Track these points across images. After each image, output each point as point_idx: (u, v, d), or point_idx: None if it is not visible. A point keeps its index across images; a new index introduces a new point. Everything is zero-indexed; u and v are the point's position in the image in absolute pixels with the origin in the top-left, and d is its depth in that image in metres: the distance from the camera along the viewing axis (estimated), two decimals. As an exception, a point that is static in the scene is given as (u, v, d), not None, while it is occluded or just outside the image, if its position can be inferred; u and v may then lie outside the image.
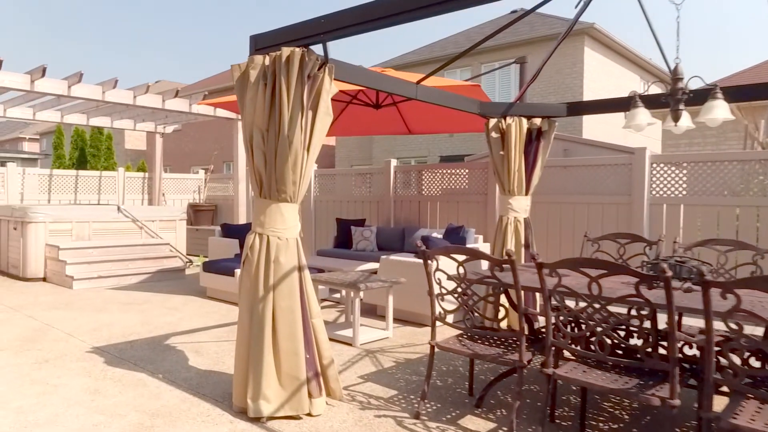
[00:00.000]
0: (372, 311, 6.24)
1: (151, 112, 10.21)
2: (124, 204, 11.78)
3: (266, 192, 3.29)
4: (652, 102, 4.05)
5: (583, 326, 2.61)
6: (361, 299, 5.48)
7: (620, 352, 3.12)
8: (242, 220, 10.02)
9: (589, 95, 17.16)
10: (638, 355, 2.55)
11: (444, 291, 3.14)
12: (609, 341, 2.59)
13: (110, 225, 8.90)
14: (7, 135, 43.43)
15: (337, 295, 6.96)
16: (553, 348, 2.79)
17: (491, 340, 3.33)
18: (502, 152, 5.48)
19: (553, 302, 2.72)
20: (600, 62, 18.11)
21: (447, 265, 3.90)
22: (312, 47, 3.20)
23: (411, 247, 8.15)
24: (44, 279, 8.23)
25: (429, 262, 3.18)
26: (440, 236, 7.60)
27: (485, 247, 7.52)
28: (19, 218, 8.24)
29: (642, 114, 3.59)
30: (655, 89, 17.37)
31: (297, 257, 3.33)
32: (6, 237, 8.73)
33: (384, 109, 8.21)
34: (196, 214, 12.30)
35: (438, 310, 3.24)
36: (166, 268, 8.51)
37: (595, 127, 17.78)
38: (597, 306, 2.52)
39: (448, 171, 8.55)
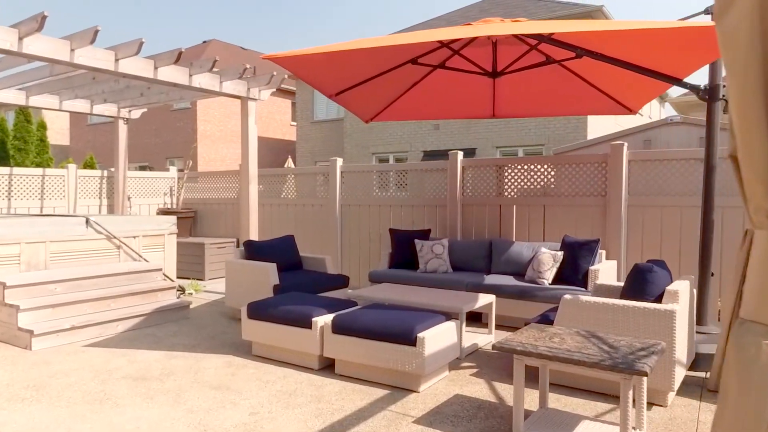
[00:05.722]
0: (532, 376, 4.12)
1: (122, 89, 7.53)
2: (75, 211, 8.93)
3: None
4: None
5: None
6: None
7: None
8: (253, 233, 7.58)
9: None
10: None
11: None
12: None
13: (75, 245, 6.22)
14: None
15: (471, 343, 4.48)
16: None
17: None
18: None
19: None
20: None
21: None
22: None
23: (505, 268, 6.12)
24: (-21, 331, 5.47)
25: None
26: (551, 251, 5.64)
27: (610, 267, 5.66)
28: (-65, 240, 5.43)
29: None
30: None
31: None
32: None
33: (474, 84, 6.14)
34: (172, 223, 9.62)
35: None
36: (164, 306, 5.98)
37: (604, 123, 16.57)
38: None
39: (541, 167, 6.60)
